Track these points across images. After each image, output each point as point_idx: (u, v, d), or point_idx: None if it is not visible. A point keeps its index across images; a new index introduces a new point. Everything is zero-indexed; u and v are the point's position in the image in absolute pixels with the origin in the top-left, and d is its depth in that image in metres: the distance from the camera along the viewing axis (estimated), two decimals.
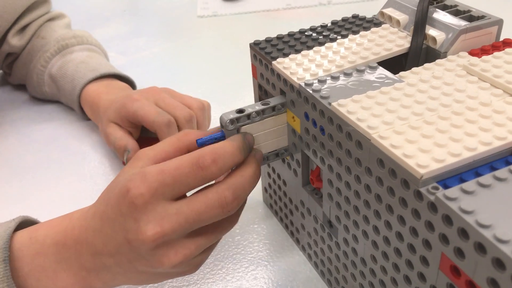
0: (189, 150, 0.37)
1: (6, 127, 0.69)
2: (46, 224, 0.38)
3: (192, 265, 0.36)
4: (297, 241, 0.47)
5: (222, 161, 0.34)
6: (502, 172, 0.27)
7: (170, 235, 0.33)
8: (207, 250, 0.37)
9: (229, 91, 0.74)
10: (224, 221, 0.36)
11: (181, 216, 0.33)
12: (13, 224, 0.38)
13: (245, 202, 0.38)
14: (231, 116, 0.37)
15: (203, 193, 0.34)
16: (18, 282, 0.36)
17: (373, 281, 0.35)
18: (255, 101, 0.47)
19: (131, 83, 0.70)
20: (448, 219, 0.25)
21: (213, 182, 0.35)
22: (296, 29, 0.45)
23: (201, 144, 0.37)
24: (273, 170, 0.47)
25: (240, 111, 0.38)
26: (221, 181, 0.35)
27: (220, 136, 0.37)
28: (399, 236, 0.30)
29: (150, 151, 0.36)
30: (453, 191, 0.26)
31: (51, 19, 0.75)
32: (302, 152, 0.40)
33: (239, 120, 0.38)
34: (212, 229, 0.35)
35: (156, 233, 0.32)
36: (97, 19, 1.04)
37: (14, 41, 0.70)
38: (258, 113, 0.38)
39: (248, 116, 0.38)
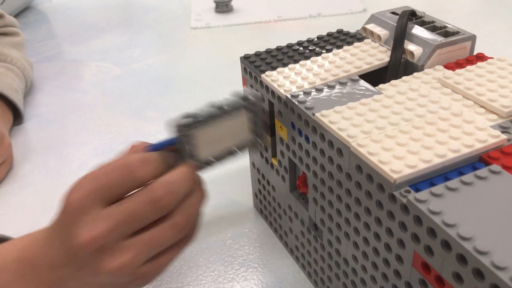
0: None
1: None
2: (13, 240, 0.39)
3: (138, 276, 0.35)
4: (286, 244, 0.49)
5: (177, 194, 0.34)
6: (468, 177, 0.29)
7: (104, 238, 0.33)
8: (157, 262, 0.36)
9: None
10: (167, 227, 0.35)
11: (113, 217, 0.33)
12: None
13: (198, 218, 0.38)
14: (185, 121, 0.36)
15: (134, 193, 0.34)
16: None
17: (355, 280, 0.38)
18: None
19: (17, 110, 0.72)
20: (418, 220, 0.28)
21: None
22: (286, 40, 0.48)
23: (153, 149, 0.36)
24: (263, 177, 0.50)
25: (194, 116, 0.37)
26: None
27: (174, 141, 0.36)
28: (377, 236, 0.33)
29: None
30: (423, 194, 0.28)
31: (3, 34, 0.79)
32: (289, 159, 0.43)
33: (192, 125, 0.36)
34: (153, 232, 0.34)
35: (90, 236, 0.33)
36: (93, 30, 1.07)
37: None
38: (212, 117, 0.37)
39: (201, 121, 0.37)
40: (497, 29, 0.94)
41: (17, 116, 0.73)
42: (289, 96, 0.39)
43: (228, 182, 0.59)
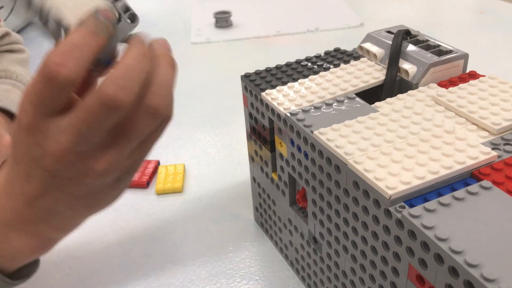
0: None
1: None
2: None
3: (123, 170, 0.35)
4: (286, 257, 0.51)
5: (75, 60, 0.30)
6: (460, 193, 0.31)
7: (73, 148, 0.32)
8: (142, 148, 0.35)
9: (221, 115, 0.78)
10: (142, 117, 0.33)
11: (73, 125, 0.31)
12: None
13: (169, 90, 0.35)
14: None
15: (85, 99, 0.31)
16: None
17: None
18: (246, 127, 0.51)
19: None
20: (412, 234, 0.29)
21: None
22: (285, 55, 0.50)
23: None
24: (263, 191, 0.51)
25: None
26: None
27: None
28: (374, 249, 0.34)
29: None
30: (417, 210, 0.29)
31: (9, 51, 0.80)
32: (289, 174, 0.44)
33: None
34: (129, 127, 0.33)
35: (60, 148, 0.32)
36: None
37: None
38: None
39: None
40: (490, 42, 0.96)
41: None
42: (288, 114, 0.41)
43: (229, 196, 0.60)
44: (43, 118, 0.32)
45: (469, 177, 0.33)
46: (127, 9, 0.34)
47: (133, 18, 0.34)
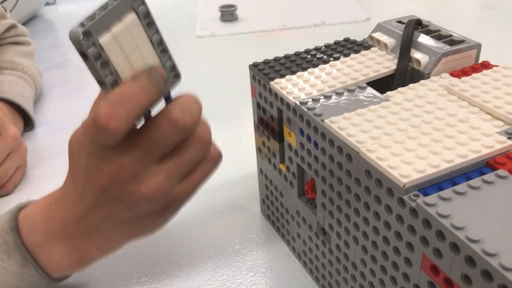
0: None
1: None
2: (35, 202, 0.41)
3: (173, 197, 0.37)
4: (293, 249, 0.50)
5: (124, 112, 0.32)
6: (475, 182, 0.30)
7: (132, 165, 0.34)
8: (190, 180, 0.38)
9: (227, 108, 0.77)
10: (192, 143, 0.36)
11: (136, 146, 0.34)
12: (22, 204, 0.42)
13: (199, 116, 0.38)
14: (81, 29, 0.31)
15: (152, 119, 0.35)
16: (35, 253, 0.40)
17: (363, 284, 0.38)
18: (254, 118, 0.50)
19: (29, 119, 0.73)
20: (427, 223, 0.29)
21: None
22: (291, 49, 0.49)
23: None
24: (271, 183, 0.51)
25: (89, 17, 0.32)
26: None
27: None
28: (386, 240, 0.33)
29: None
30: (432, 198, 0.29)
31: (15, 43, 0.81)
32: (298, 165, 0.43)
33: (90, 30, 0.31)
34: (179, 152, 0.36)
35: (117, 169, 0.34)
36: None
37: None
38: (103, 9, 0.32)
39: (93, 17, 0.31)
40: (498, 38, 0.95)
41: (27, 123, 0.74)
42: (298, 103, 0.40)
43: (235, 188, 0.59)
44: (101, 150, 0.34)
45: (484, 166, 0.32)
46: (173, 68, 0.37)
47: (178, 77, 0.36)
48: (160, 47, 0.35)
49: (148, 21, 0.33)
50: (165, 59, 0.36)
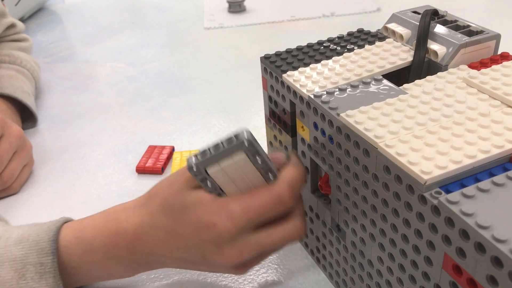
0: None
1: None
2: (90, 225, 0.42)
3: (238, 268, 0.39)
4: (306, 246, 0.49)
5: (296, 192, 0.38)
6: (500, 178, 0.29)
7: (247, 259, 0.38)
8: (261, 257, 0.41)
9: (236, 101, 0.76)
10: (289, 228, 0.39)
11: (259, 246, 0.37)
12: (60, 222, 0.42)
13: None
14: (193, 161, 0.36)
15: (260, 191, 0.37)
16: (65, 275, 0.40)
17: (380, 282, 0.37)
18: (265, 112, 0.49)
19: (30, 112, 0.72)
20: (450, 221, 0.27)
21: None
22: (300, 40, 0.47)
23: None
24: None
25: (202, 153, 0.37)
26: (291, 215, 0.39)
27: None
28: (405, 238, 0.32)
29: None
30: (455, 196, 0.28)
31: (14, 40, 0.80)
32: (311, 160, 0.42)
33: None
34: (274, 226, 0.39)
35: (236, 258, 0.37)
36: (107, 31, 1.07)
37: None
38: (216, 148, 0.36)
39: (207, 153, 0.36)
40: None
41: (30, 119, 0.73)
42: (311, 96, 0.39)
43: None
44: (242, 232, 0.37)
45: (508, 162, 0.31)
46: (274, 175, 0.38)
47: (275, 177, 0.38)
48: (266, 171, 0.38)
49: (256, 157, 0.36)
50: (270, 178, 0.38)
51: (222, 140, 0.36)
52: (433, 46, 0.42)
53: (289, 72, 0.42)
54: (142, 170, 0.61)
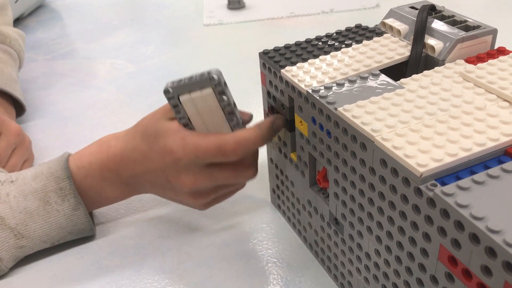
0: None
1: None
2: (87, 153, 0.49)
3: (203, 192, 0.46)
4: (305, 239, 0.49)
5: (242, 150, 0.43)
6: (494, 170, 0.29)
7: (201, 187, 0.45)
8: (220, 195, 0.48)
9: (235, 97, 0.76)
10: (230, 171, 0.46)
11: (212, 177, 0.45)
12: (65, 155, 0.49)
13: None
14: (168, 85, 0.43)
15: (232, 164, 0.45)
16: None
17: (377, 274, 0.38)
18: (264, 107, 0.50)
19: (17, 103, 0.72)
20: (445, 213, 0.28)
21: None
22: (299, 36, 0.48)
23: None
24: (281, 172, 0.50)
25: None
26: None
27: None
28: (401, 230, 0.33)
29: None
30: (450, 188, 0.28)
31: None
32: (309, 154, 0.43)
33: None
34: (221, 173, 0.45)
35: (191, 184, 0.45)
36: (106, 28, 1.07)
37: None
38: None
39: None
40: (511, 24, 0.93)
41: (18, 107, 0.72)
42: (310, 91, 0.39)
43: None
44: (191, 163, 0.44)
45: (503, 155, 0.31)
46: (239, 124, 0.46)
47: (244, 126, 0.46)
48: (230, 114, 0.44)
49: (222, 96, 0.43)
50: (233, 123, 0.45)
51: (197, 74, 0.43)
52: (430, 41, 0.43)
53: (287, 67, 0.43)
54: None
